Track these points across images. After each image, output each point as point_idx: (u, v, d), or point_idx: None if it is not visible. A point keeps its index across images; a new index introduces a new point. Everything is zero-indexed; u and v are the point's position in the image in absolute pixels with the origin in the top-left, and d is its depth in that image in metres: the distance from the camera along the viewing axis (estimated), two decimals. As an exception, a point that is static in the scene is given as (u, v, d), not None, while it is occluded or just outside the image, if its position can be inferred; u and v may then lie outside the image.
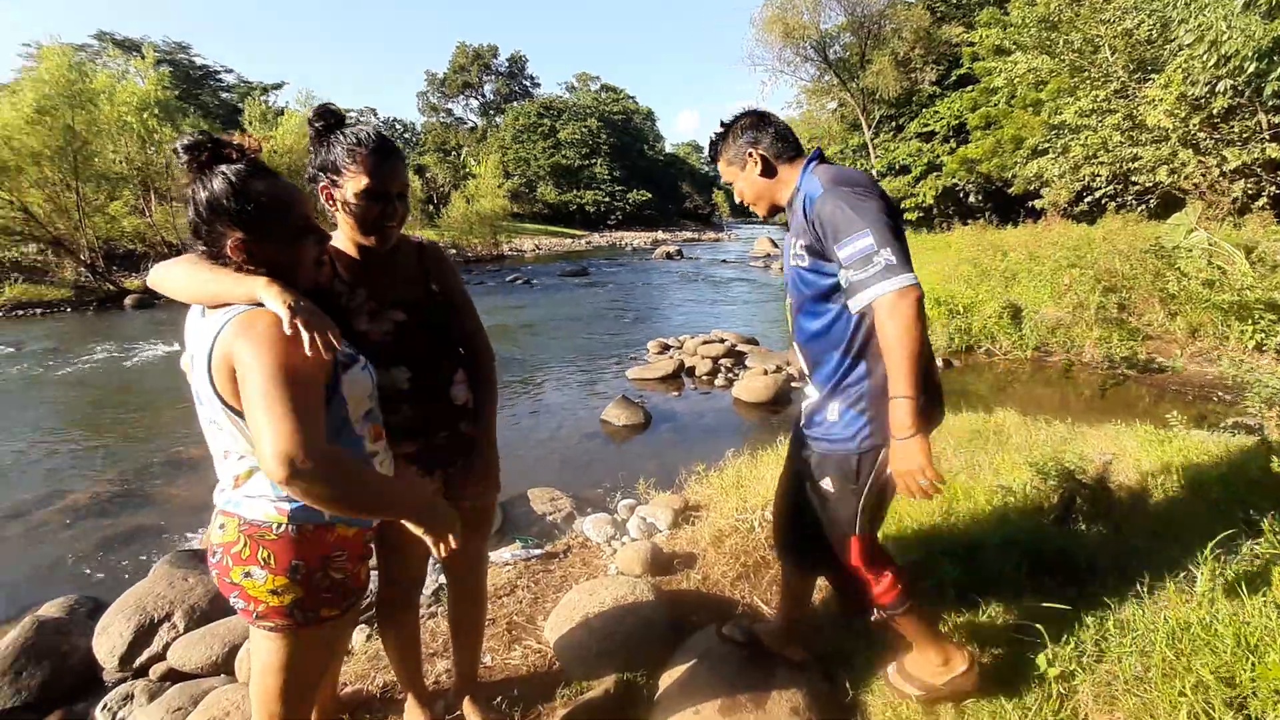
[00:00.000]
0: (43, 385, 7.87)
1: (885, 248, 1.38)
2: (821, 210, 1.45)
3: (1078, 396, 6.53)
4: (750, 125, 1.69)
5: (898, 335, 1.38)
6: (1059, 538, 2.44)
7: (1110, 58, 11.69)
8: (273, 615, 1.20)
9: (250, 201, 1.14)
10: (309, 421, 1.04)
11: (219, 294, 1.14)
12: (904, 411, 1.41)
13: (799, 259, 1.56)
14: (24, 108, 15.47)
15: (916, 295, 1.38)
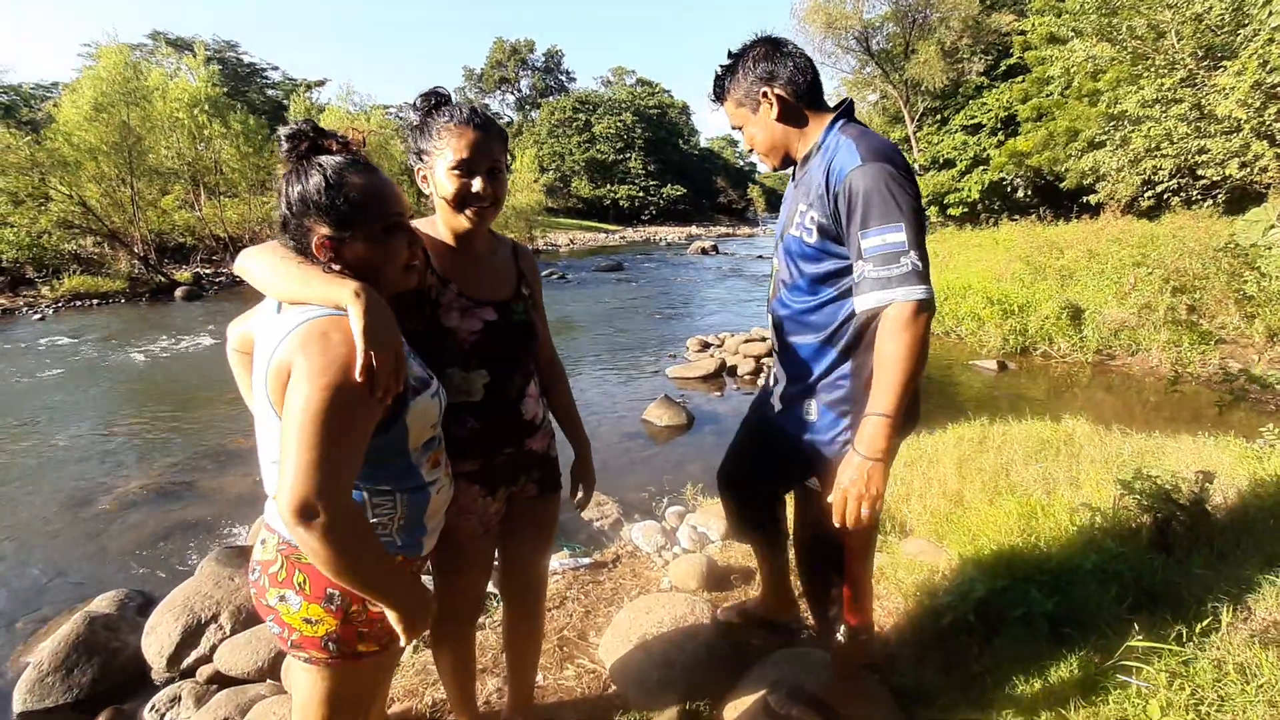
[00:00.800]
0: (98, 374, 8.09)
1: (914, 250, 1.23)
2: (854, 185, 1.26)
3: (1143, 404, 6.18)
4: (764, 56, 1.42)
5: (903, 351, 1.24)
6: (1160, 566, 2.23)
7: (1177, 44, 11.07)
8: (307, 645, 1.10)
9: (342, 197, 1.04)
10: (344, 469, 0.95)
11: (304, 294, 1.03)
12: (880, 433, 1.27)
13: (805, 231, 1.38)
14: (83, 105, 16.03)
15: (931, 313, 1.27)
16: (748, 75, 1.44)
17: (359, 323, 0.97)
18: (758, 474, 1.79)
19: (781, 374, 1.55)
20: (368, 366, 0.96)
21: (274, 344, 1.01)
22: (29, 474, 4.94)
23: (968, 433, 4.09)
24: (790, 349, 1.50)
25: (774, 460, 1.69)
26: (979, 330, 8.41)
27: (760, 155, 1.52)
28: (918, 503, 3.04)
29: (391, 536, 1.15)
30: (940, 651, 2.08)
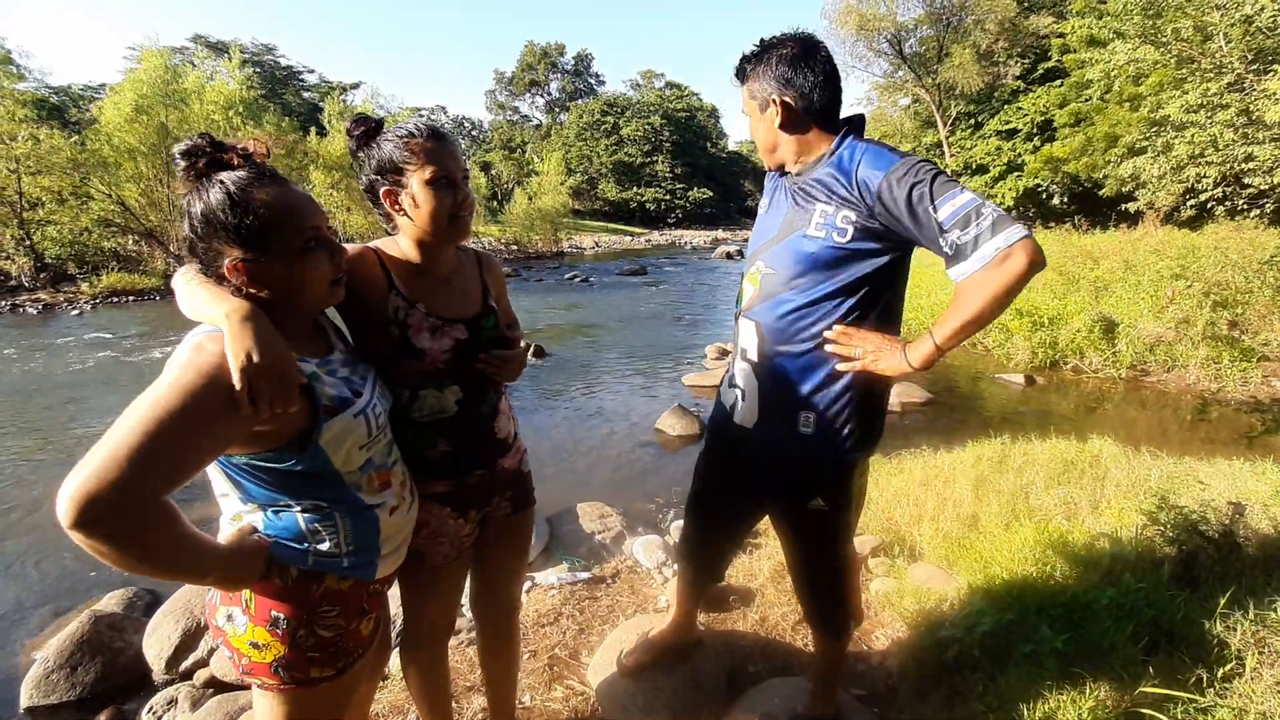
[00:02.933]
0: (128, 369, 8.30)
1: (989, 202, 1.24)
2: (901, 177, 1.26)
3: (1178, 423, 5.93)
4: (789, 59, 1.39)
5: (998, 290, 1.21)
6: (1182, 603, 2.10)
7: (1225, 47, 10.66)
8: (258, 672, 1.07)
9: (250, 214, 0.99)
10: (146, 477, 0.85)
11: (195, 315, 1.00)
12: (925, 356, 1.32)
13: (836, 232, 1.34)
14: (124, 107, 16.55)
15: (1035, 251, 1.21)
16: (766, 72, 1.42)
17: (230, 341, 0.93)
18: (729, 502, 1.71)
19: (760, 388, 1.47)
20: (243, 383, 0.92)
21: None
22: (53, 467, 5.07)
23: (987, 451, 3.95)
24: (779, 356, 1.43)
25: (752, 486, 1.61)
26: (1006, 342, 8.18)
27: (761, 151, 1.52)
28: (929, 525, 2.93)
29: (339, 558, 1.11)
30: (943, 686, 1.99)
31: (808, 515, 1.52)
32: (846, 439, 1.43)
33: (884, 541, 2.84)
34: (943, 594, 2.37)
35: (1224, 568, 2.31)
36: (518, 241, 30.21)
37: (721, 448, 1.66)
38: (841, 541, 1.59)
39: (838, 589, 1.66)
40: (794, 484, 1.50)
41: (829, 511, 1.49)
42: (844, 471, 1.47)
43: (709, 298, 15.67)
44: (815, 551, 1.61)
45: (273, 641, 1.05)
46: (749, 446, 1.54)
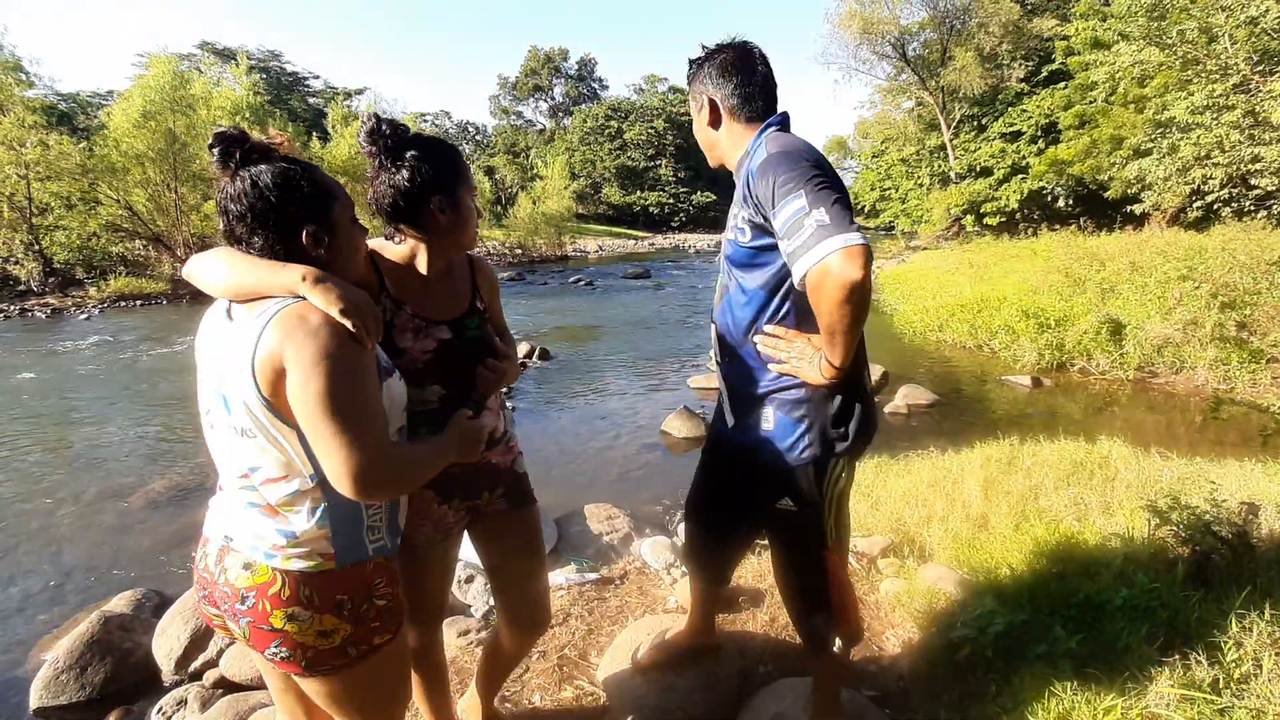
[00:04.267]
0: (135, 373, 8.35)
1: (815, 209, 1.17)
2: (762, 175, 1.27)
3: (1187, 424, 5.90)
4: (723, 65, 1.45)
5: (829, 309, 1.18)
6: (1197, 604, 2.09)
7: (1230, 48, 10.64)
8: (326, 659, 1.09)
9: (317, 188, 1.08)
10: (377, 427, 0.99)
11: (257, 285, 1.03)
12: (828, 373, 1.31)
13: (739, 232, 1.39)
14: (132, 113, 16.67)
15: (858, 255, 1.12)
16: (700, 76, 1.49)
17: (321, 294, 0.99)
18: (724, 509, 1.71)
19: (727, 390, 1.52)
20: (354, 323, 0.99)
21: (248, 345, 0.99)
22: (62, 469, 5.10)
23: (996, 452, 3.93)
24: (737, 357, 1.46)
25: (738, 490, 1.61)
26: (1013, 344, 8.15)
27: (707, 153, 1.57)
28: (939, 526, 2.91)
29: (383, 539, 1.16)
30: (956, 687, 1.98)
31: (778, 517, 1.51)
32: (804, 437, 1.41)
33: (893, 542, 2.82)
34: (953, 595, 2.36)
35: (1238, 569, 2.29)
36: (522, 245, 30.28)
37: (713, 451, 1.69)
38: (814, 545, 1.53)
39: (814, 597, 1.61)
40: (764, 485, 1.50)
41: (797, 512, 1.47)
42: (807, 470, 1.43)
43: (712, 301, 15.66)
44: (789, 554, 1.59)
45: (340, 624, 1.09)
46: (730, 448, 1.56)
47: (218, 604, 1.12)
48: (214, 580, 1.11)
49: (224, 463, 1.11)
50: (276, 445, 1.02)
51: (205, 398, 1.10)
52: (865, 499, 3.28)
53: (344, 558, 1.09)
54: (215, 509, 1.16)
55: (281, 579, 1.05)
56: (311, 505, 1.06)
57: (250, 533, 1.08)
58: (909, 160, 29.44)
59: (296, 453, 1.03)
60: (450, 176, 1.30)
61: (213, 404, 1.08)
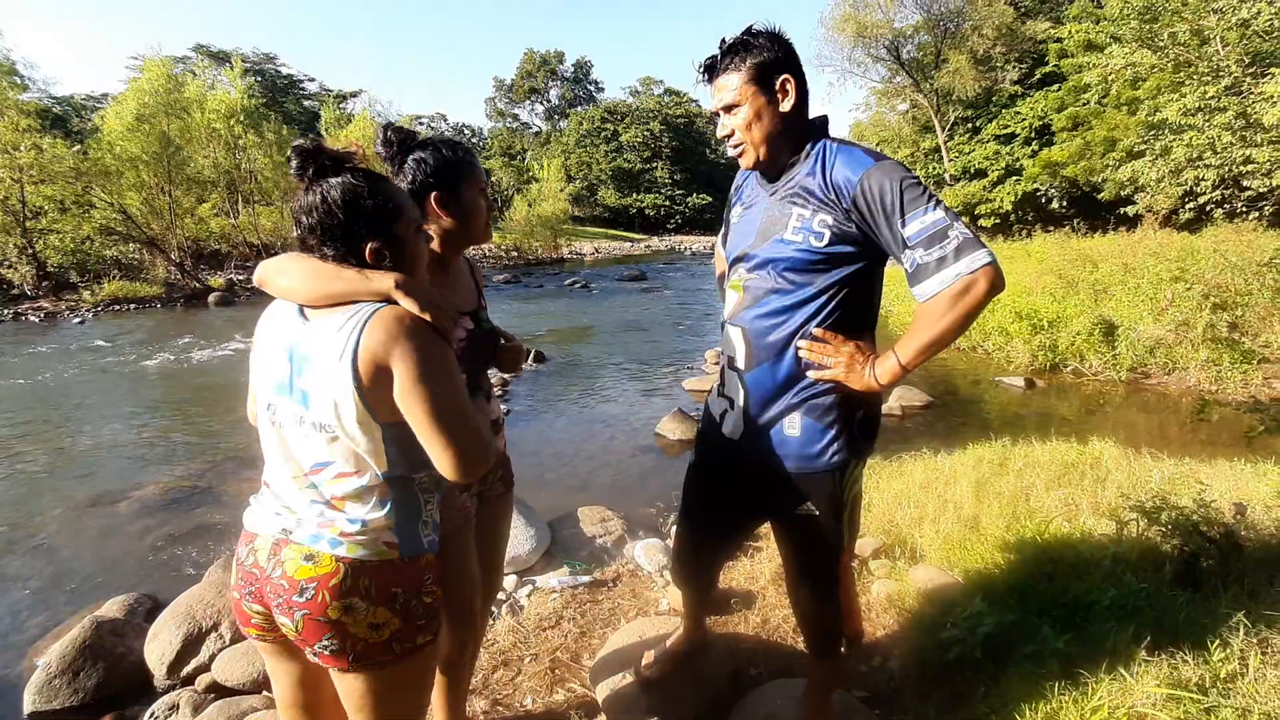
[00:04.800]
0: (129, 377, 8.32)
1: (957, 222, 1.23)
2: (877, 183, 1.26)
3: (1179, 425, 5.93)
4: (789, 47, 1.36)
5: (952, 318, 1.24)
6: (1184, 604, 2.10)
7: (1222, 50, 10.71)
8: (372, 654, 1.12)
9: (392, 203, 1.14)
10: (473, 416, 1.10)
11: (345, 292, 1.09)
12: (890, 372, 1.34)
13: (813, 235, 1.33)
14: (126, 116, 16.63)
15: (999, 272, 1.22)
16: (774, 54, 1.34)
17: (414, 299, 1.08)
18: (722, 517, 1.70)
19: (747, 395, 1.47)
20: (442, 323, 1.10)
21: (342, 344, 1.04)
22: (56, 474, 5.08)
23: (988, 454, 3.94)
24: (770, 361, 1.43)
25: (742, 497, 1.60)
26: (1006, 345, 8.19)
27: (753, 145, 1.40)
28: (930, 527, 2.92)
29: (432, 533, 1.20)
30: (946, 687, 1.99)
31: (798, 522, 1.51)
32: (833, 442, 1.43)
33: (885, 543, 2.84)
34: (944, 595, 2.37)
35: (1226, 568, 2.31)
36: (518, 248, 30.27)
37: (711, 459, 1.66)
38: (834, 549, 1.55)
39: (828, 602, 1.62)
40: (784, 491, 1.49)
41: (819, 518, 1.48)
42: (832, 476, 1.45)
43: (708, 303, 15.69)
44: (809, 561, 1.59)
45: (391, 618, 1.11)
46: (740, 454, 1.53)
47: (266, 599, 1.13)
48: (265, 575, 1.12)
49: (286, 458, 1.14)
50: (355, 441, 1.08)
51: (268, 394, 1.14)
52: (858, 500, 3.29)
53: (405, 550, 1.13)
54: (264, 505, 1.18)
55: (344, 570, 1.08)
56: (379, 498, 1.12)
57: (314, 524, 1.11)
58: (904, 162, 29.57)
59: (374, 449, 1.09)
60: (450, 174, 1.37)
61: (280, 400, 1.12)
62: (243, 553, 1.17)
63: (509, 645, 2.31)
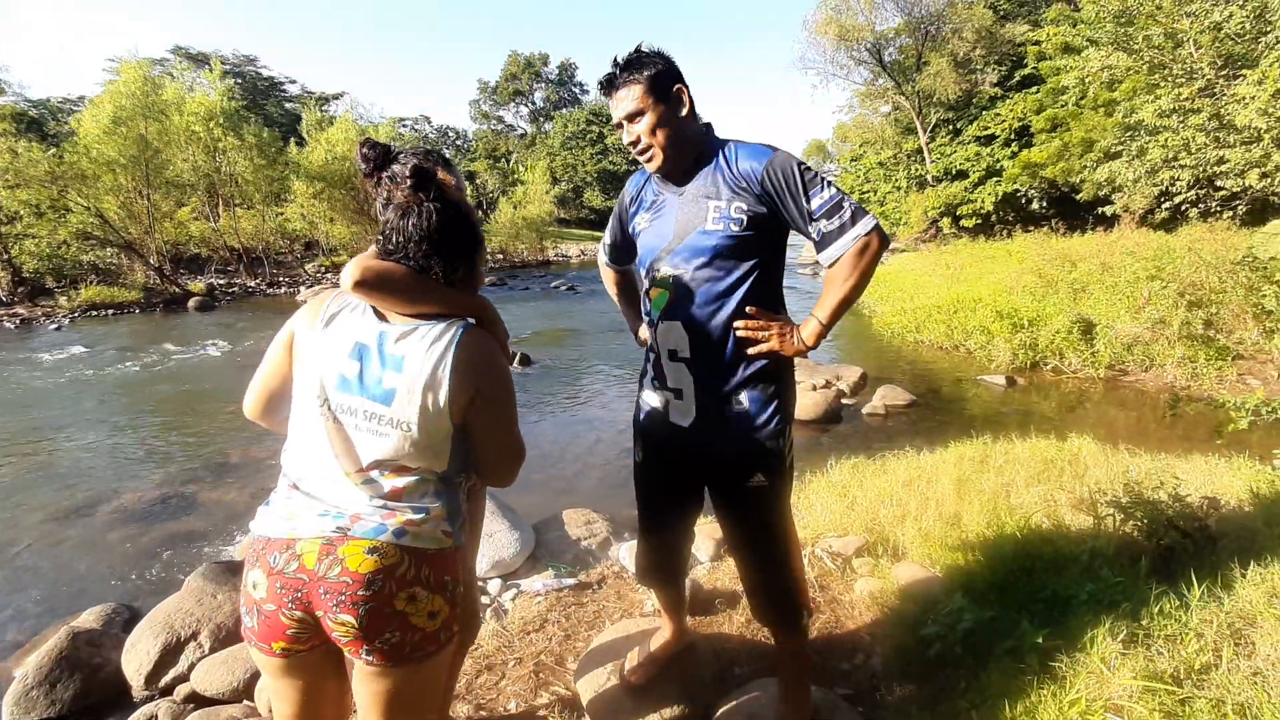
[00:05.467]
0: (107, 384, 8.19)
1: (847, 196, 1.45)
2: (780, 168, 1.45)
3: (1156, 421, 6.03)
4: (674, 63, 1.53)
5: (858, 276, 1.44)
6: (1158, 597, 2.13)
7: (1195, 53, 10.91)
8: (426, 644, 1.15)
9: (479, 232, 1.29)
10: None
11: (443, 306, 1.22)
12: (815, 333, 1.50)
13: (732, 223, 1.47)
14: (102, 119, 16.35)
15: (884, 239, 1.46)
16: (664, 67, 1.50)
17: (497, 322, 1.31)
18: (680, 507, 1.78)
19: (696, 381, 1.56)
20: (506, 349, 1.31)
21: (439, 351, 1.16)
22: (32, 483, 4.99)
23: (969, 451, 3.99)
24: (710, 349, 1.53)
25: (693, 480, 1.70)
26: (988, 344, 8.28)
27: (660, 148, 1.51)
28: (913, 524, 2.95)
29: (462, 534, 1.25)
30: (927, 684, 2.01)
31: (750, 494, 1.58)
32: (776, 411, 1.55)
33: (868, 541, 2.86)
34: (926, 592, 2.39)
35: (1200, 561, 2.35)
36: (503, 250, 30.14)
37: (660, 453, 1.70)
38: (784, 516, 1.65)
39: (786, 571, 1.68)
40: (735, 465, 1.58)
41: (768, 486, 1.57)
42: (777, 442, 1.55)
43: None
44: (761, 531, 1.64)
45: (444, 606, 1.17)
46: (689, 441, 1.60)
47: (318, 603, 1.11)
48: (319, 577, 1.10)
49: (340, 454, 1.16)
50: (430, 440, 1.17)
51: (325, 391, 1.17)
52: (841, 499, 3.31)
53: (456, 540, 1.21)
54: (298, 508, 1.16)
55: (408, 560, 1.12)
56: (434, 492, 1.19)
57: (377, 516, 1.14)
58: (886, 163, 29.79)
59: (443, 449, 1.19)
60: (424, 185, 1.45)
61: (343, 397, 1.16)
62: (276, 561, 1.13)
63: (493, 649, 2.30)
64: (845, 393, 6.65)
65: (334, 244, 24.69)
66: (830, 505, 3.23)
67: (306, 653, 1.18)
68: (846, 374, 7.03)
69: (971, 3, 24.52)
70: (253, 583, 1.15)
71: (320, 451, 1.17)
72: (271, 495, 1.23)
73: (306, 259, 24.82)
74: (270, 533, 1.15)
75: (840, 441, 5.42)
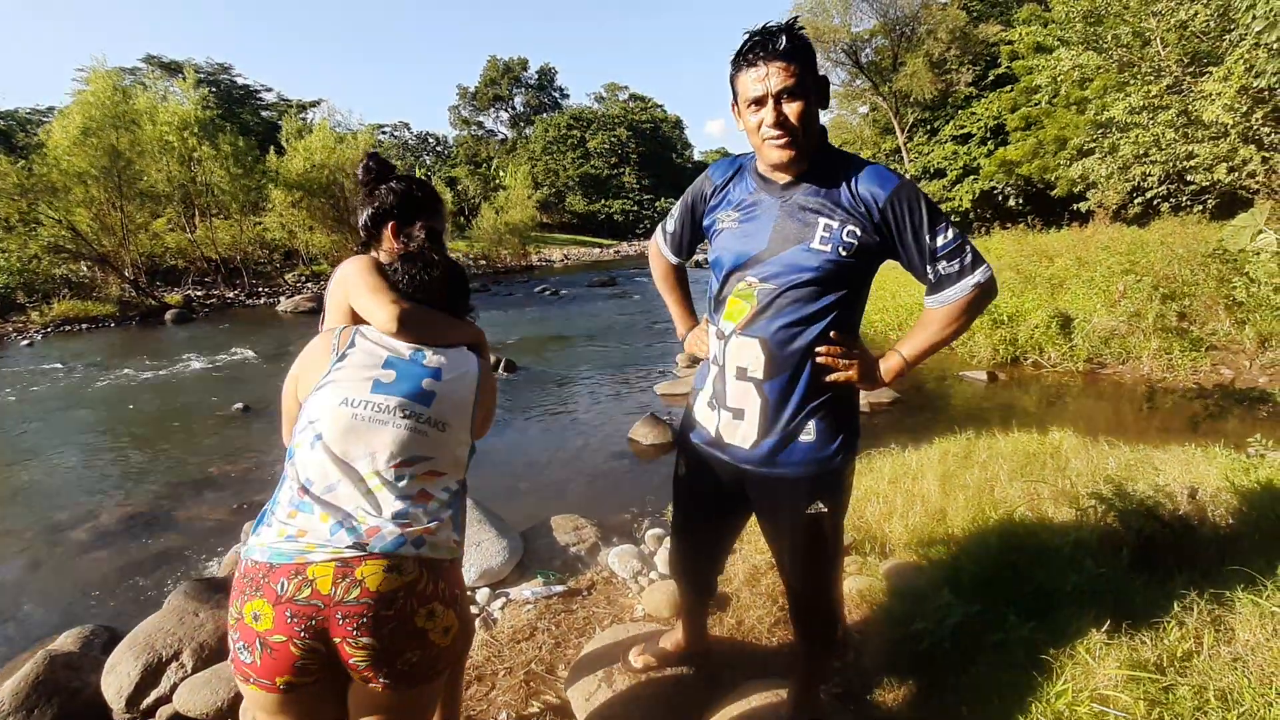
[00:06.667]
0: (82, 400, 8.02)
1: (968, 239, 1.40)
2: (906, 198, 1.36)
3: (1135, 413, 6.13)
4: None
5: (958, 325, 1.42)
6: (1142, 586, 2.17)
7: (1162, 51, 11.13)
8: (439, 661, 1.15)
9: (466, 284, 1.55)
10: None
11: (460, 336, 1.45)
12: (897, 369, 1.47)
13: (841, 246, 1.35)
14: (72, 130, 16.05)
15: (994, 283, 1.43)
16: (814, 55, 1.35)
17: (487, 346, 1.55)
18: (721, 526, 1.76)
19: (766, 404, 1.46)
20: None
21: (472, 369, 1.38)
22: (4, 503, 4.87)
23: (953, 447, 4.03)
24: (786, 371, 1.43)
25: (742, 503, 1.63)
26: (969, 340, 8.37)
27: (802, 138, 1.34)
28: (899, 521, 2.97)
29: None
30: (917, 679, 2.02)
31: (810, 521, 1.52)
32: (843, 442, 1.48)
33: (855, 540, 2.87)
34: (914, 588, 2.41)
35: (1179, 550, 2.39)
36: (486, 256, 30.03)
37: (703, 472, 1.62)
38: (839, 540, 1.61)
39: (836, 592, 1.67)
40: (797, 493, 1.50)
41: (828, 513, 1.51)
42: (841, 473, 1.51)
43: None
44: (818, 556, 1.59)
45: (455, 620, 1.17)
46: (744, 465, 1.52)
47: (335, 629, 1.06)
48: (336, 602, 1.05)
49: (373, 451, 1.17)
50: (460, 444, 1.30)
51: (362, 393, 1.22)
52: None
53: (462, 550, 1.24)
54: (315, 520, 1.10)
55: (425, 574, 1.12)
56: (451, 498, 1.24)
57: (395, 527, 1.12)
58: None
59: (464, 455, 1.32)
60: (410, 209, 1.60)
61: (378, 398, 1.22)
62: (285, 588, 1.05)
63: (482, 659, 2.28)
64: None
65: (314, 253, 24.43)
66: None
67: (310, 685, 1.11)
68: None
69: (945, 4, 24.88)
70: (253, 615, 1.06)
71: (348, 452, 1.17)
72: (267, 514, 1.16)
73: (286, 268, 24.53)
74: (273, 559, 1.07)
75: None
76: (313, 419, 1.21)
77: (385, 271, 1.44)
